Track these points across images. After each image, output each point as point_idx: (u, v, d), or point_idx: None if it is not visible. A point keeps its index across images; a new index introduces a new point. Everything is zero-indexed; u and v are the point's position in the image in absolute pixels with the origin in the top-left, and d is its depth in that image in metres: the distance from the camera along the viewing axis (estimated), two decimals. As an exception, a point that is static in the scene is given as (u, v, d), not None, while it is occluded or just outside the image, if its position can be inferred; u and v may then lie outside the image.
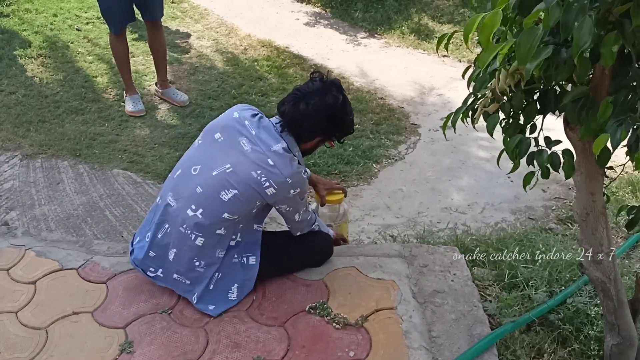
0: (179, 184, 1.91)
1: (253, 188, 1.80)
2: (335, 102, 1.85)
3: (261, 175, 1.79)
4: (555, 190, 3.09)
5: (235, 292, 1.98)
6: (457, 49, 4.68)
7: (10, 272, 2.14)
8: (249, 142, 1.83)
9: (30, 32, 4.70)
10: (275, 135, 1.86)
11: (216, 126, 1.93)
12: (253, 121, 1.88)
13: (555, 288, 2.24)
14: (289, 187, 1.81)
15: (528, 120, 1.34)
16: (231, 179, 1.81)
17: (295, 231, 2.06)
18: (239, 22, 5.13)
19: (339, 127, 1.92)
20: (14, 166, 3.22)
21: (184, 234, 1.87)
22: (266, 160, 1.79)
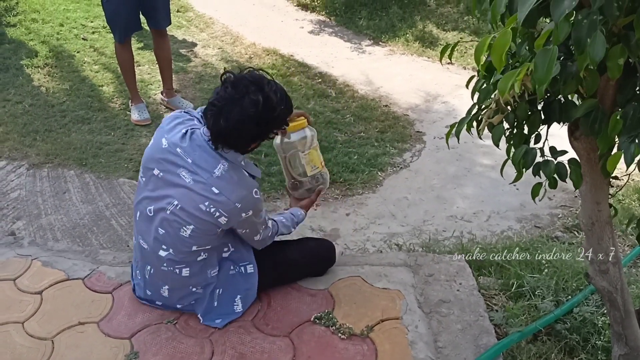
0: (142, 227, 1.87)
1: (206, 220, 1.72)
2: (257, 107, 1.63)
3: (209, 206, 1.70)
4: (562, 198, 3.08)
5: (239, 304, 1.98)
6: (461, 56, 4.68)
7: (16, 282, 2.14)
8: (189, 172, 1.72)
9: (37, 42, 4.74)
10: (212, 155, 1.72)
11: (151, 160, 1.79)
12: (184, 145, 1.73)
13: (562, 297, 2.23)
14: (239, 211, 1.73)
15: (532, 130, 1.34)
16: (183, 215, 1.73)
17: (257, 247, 1.99)
18: (244, 30, 5.16)
19: (273, 125, 1.74)
20: (20, 175, 3.24)
21: (167, 272, 1.86)
22: (210, 190, 1.70)
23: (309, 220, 2.89)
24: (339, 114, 3.88)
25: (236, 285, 1.97)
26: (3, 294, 2.09)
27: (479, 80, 1.44)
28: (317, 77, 4.37)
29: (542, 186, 1.35)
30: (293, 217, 2.11)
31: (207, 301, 1.93)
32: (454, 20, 5.22)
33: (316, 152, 2.16)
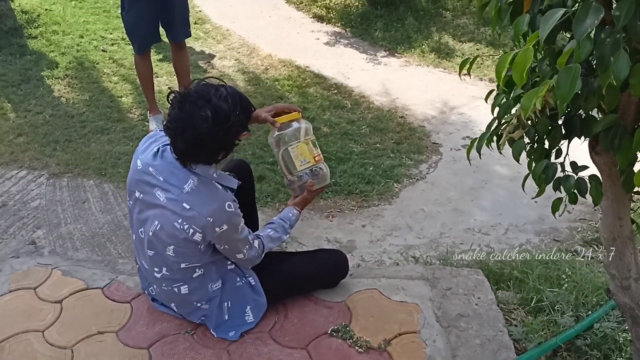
0: (138, 248, 1.92)
1: (182, 239, 1.72)
2: (207, 122, 1.58)
3: (182, 223, 1.70)
4: (581, 211, 3.04)
5: (250, 314, 1.98)
6: (477, 68, 4.67)
7: (37, 291, 2.17)
8: (162, 191, 1.73)
9: (58, 53, 4.83)
10: (182, 170, 1.71)
11: (132, 184, 1.82)
12: (156, 163, 1.74)
13: (582, 312, 2.20)
14: (212, 225, 1.69)
15: (553, 145, 1.33)
16: (163, 235, 1.75)
17: (244, 266, 1.95)
18: (260, 42, 5.20)
19: (232, 133, 1.66)
20: (40, 185, 3.29)
21: (169, 291, 1.89)
22: (182, 206, 1.69)
23: (325, 231, 2.90)
24: (355, 125, 3.88)
25: (244, 296, 1.97)
26: (24, 303, 2.11)
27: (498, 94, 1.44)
28: (333, 88, 4.39)
29: (562, 201, 1.34)
30: (283, 222, 2.04)
31: (216, 315, 1.94)
32: (470, 32, 5.22)
33: (306, 146, 2.05)
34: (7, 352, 1.90)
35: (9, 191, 3.22)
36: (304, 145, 2.04)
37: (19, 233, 2.86)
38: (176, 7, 3.62)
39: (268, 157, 3.44)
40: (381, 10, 5.56)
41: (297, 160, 2.03)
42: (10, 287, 2.19)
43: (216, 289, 1.91)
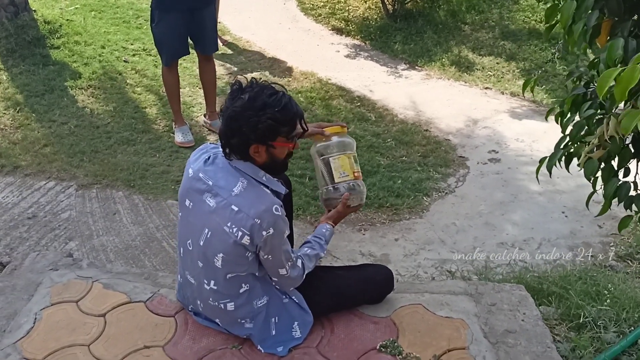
0: (186, 262, 1.91)
1: (232, 243, 1.71)
2: (242, 103, 1.63)
3: (232, 226, 1.69)
4: (612, 226, 3.04)
5: (298, 330, 1.96)
6: (498, 82, 4.69)
7: (79, 304, 2.16)
8: (212, 196, 1.74)
9: (80, 64, 4.86)
10: (232, 173, 1.73)
11: (183, 193, 1.84)
12: (207, 169, 1.77)
13: (624, 328, 2.19)
14: (259, 228, 1.67)
15: (622, 164, 1.34)
16: (213, 242, 1.75)
17: (285, 286, 1.90)
18: (280, 54, 5.24)
19: (261, 125, 1.64)
20: (70, 196, 3.30)
21: (214, 306, 1.88)
22: (230, 208, 1.70)
23: (359, 244, 2.90)
24: (380, 137, 3.90)
25: (291, 311, 1.96)
26: (67, 316, 2.11)
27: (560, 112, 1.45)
28: (356, 100, 4.41)
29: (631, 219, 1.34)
30: (318, 239, 2.01)
31: (262, 331, 1.92)
32: (489, 45, 5.25)
33: (348, 160, 2.03)
34: (55, 366, 1.89)
35: (38, 202, 3.22)
36: (346, 159, 2.03)
37: (51, 244, 2.87)
38: (206, 20, 3.66)
39: (296, 169, 3.45)
40: (400, 23, 5.60)
41: (337, 171, 2.01)
42: (52, 300, 2.18)
43: (261, 305, 1.90)
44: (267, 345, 1.93)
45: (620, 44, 1.04)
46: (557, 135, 3.46)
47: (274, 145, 1.72)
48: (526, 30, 5.59)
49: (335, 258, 2.77)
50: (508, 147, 3.84)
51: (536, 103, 4.50)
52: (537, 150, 3.76)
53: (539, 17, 5.77)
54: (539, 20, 5.74)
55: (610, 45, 1.04)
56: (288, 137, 1.74)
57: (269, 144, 1.71)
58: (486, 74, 4.89)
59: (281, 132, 1.70)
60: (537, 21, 5.74)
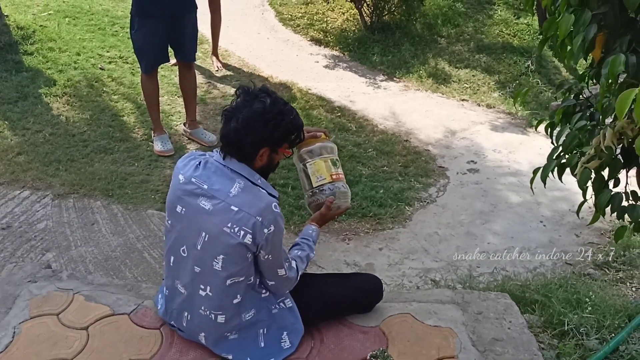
0: (177, 270, 1.88)
1: (233, 244, 1.71)
2: (264, 106, 1.70)
3: (232, 227, 1.70)
4: (588, 234, 3.13)
5: (287, 340, 1.94)
6: (474, 94, 4.79)
7: (60, 317, 2.10)
8: (207, 199, 1.74)
9: (55, 71, 4.75)
10: (227, 175, 1.75)
11: (173, 200, 1.82)
12: (200, 174, 1.78)
13: (606, 335, 2.25)
14: (261, 226, 1.70)
15: (613, 174, 1.38)
16: (212, 245, 1.74)
17: (280, 289, 1.90)
18: (260, 64, 5.23)
19: (279, 130, 1.73)
20: (46, 206, 3.21)
21: (205, 316, 1.85)
22: (230, 209, 1.71)
23: (343, 254, 2.90)
24: (361, 147, 3.92)
25: (280, 321, 1.94)
26: (47, 329, 2.04)
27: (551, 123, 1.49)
28: (337, 110, 4.43)
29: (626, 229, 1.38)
30: (306, 240, 2.03)
31: (250, 344, 1.89)
32: (465, 58, 5.36)
33: (324, 163, 2.04)
34: (36, 381, 1.83)
35: (12, 212, 3.13)
36: (322, 162, 2.04)
37: (27, 256, 2.78)
38: (187, 27, 3.63)
39: (278, 179, 3.44)
40: (378, 35, 5.67)
41: (314, 176, 2.03)
42: (31, 313, 2.10)
43: (249, 318, 1.87)
44: (257, 357, 1.90)
45: (622, 60, 1.07)
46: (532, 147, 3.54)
47: (278, 151, 1.79)
48: (500, 43, 5.73)
49: (320, 267, 2.77)
50: (486, 158, 3.91)
51: (512, 115, 4.61)
52: (514, 161, 3.84)
53: (513, 31, 5.93)
54: (512, 35, 5.90)
55: (612, 61, 1.08)
56: (290, 145, 1.82)
57: (274, 149, 1.77)
58: (462, 86, 4.99)
59: (289, 139, 1.78)
60: (511, 35, 5.89)
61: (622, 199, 1.31)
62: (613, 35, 1.14)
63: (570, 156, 1.35)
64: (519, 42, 5.78)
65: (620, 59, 1.07)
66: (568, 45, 1.24)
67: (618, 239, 1.43)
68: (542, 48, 1.37)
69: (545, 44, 1.31)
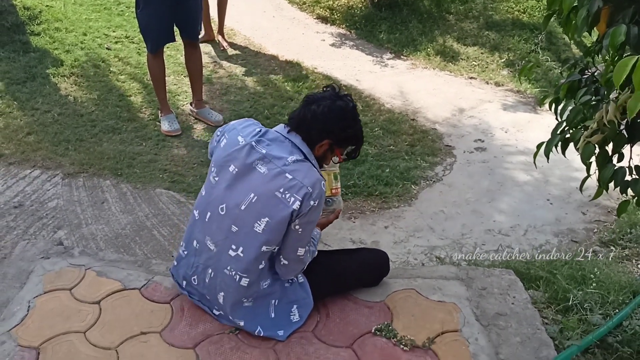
0: (212, 227, 1.90)
1: (280, 209, 1.76)
2: (347, 106, 1.86)
3: (284, 192, 1.76)
4: (596, 212, 3.13)
5: (296, 313, 1.98)
6: (483, 71, 4.75)
7: (73, 292, 2.15)
8: (264, 163, 1.80)
9: (62, 51, 4.76)
10: (287, 146, 1.83)
11: (228, 158, 1.87)
12: (260, 139, 1.85)
13: (609, 311, 2.27)
14: (310, 197, 1.76)
15: (617, 149, 1.38)
16: (259, 207, 1.78)
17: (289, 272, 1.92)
18: (266, 42, 5.21)
19: (349, 131, 1.87)
20: (56, 185, 3.25)
21: (229, 276, 1.87)
22: (285, 176, 1.77)
23: (349, 232, 2.93)
24: (368, 127, 3.92)
25: (291, 295, 1.97)
26: (61, 304, 2.09)
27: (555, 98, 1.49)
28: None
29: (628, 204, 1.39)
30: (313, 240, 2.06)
31: (261, 313, 1.93)
32: (473, 35, 5.30)
33: (327, 177, 2.20)
34: (51, 353, 1.88)
35: (24, 191, 3.17)
36: (325, 175, 2.18)
37: (39, 233, 2.83)
38: (192, 5, 3.61)
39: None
40: (385, 12, 5.61)
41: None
42: (45, 288, 2.16)
43: (265, 287, 1.91)
44: (267, 327, 1.94)
45: (622, 30, 1.07)
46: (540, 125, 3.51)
47: (335, 150, 1.90)
48: (510, 20, 5.66)
49: (326, 245, 2.80)
50: (494, 137, 3.90)
51: (520, 93, 4.57)
52: (522, 140, 3.83)
53: (522, 8, 5.84)
54: (522, 11, 5.81)
55: (612, 32, 1.08)
56: (348, 154, 1.95)
57: (334, 147, 1.89)
58: (471, 63, 4.95)
59: (350, 145, 1.93)
60: (521, 11, 5.81)
61: (626, 174, 1.31)
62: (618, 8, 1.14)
63: (574, 131, 1.35)
64: (529, 18, 5.70)
65: (622, 29, 1.07)
66: (573, 19, 1.23)
67: (620, 213, 1.43)
68: (547, 23, 1.37)
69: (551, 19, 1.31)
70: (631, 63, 0.96)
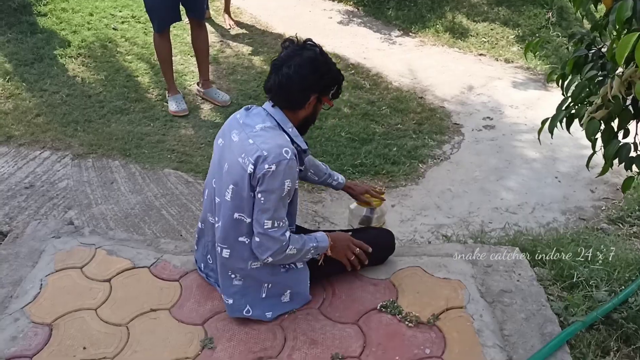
0: (210, 202, 1.96)
1: (241, 174, 1.77)
2: (315, 54, 1.81)
3: (244, 157, 1.77)
4: (604, 190, 3.11)
5: (287, 296, 1.98)
6: (492, 48, 4.69)
7: (84, 270, 2.20)
8: (237, 132, 1.86)
9: (69, 32, 4.76)
10: (262, 116, 1.84)
11: (219, 133, 1.97)
12: (246, 112, 1.90)
13: (615, 287, 2.27)
14: (264, 161, 1.72)
15: (622, 125, 1.37)
16: (229, 175, 1.83)
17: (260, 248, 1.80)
18: (272, 20, 5.17)
19: (326, 78, 1.84)
20: (66, 165, 3.28)
21: (216, 249, 1.92)
22: (247, 142, 1.79)
23: (356, 210, 2.93)
24: (375, 105, 3.90)
25: (286, 281, 1.97)
26: (72, 282, 2.14)
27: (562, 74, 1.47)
28: (350, 68, 4.39)
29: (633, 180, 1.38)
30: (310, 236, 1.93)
31: (252, 293, 1.93)
32: (484, 12, 5.21)
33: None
34: (63, 329, 1.93)
35: (34, 172, 3.21)
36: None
37: (50, 213, 2.87)
38: (197, -16, 3.59)
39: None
40: (393, -12, 5.53)
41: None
42: (56, 266, 2.21)
43: (254, 267, 1.90)
44: (256, 306, 1.94)
45: (629, 5, 1.05)
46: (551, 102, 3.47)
47: (323, 100, 1.89)
48: (520, -5, 5.55)
49: (333, 224, 2.81)
50: (503, 114, 3.87)
51: (530, 70, 4.51)
52: (531, 117, 3.79)
53: (533, -17, 5.72)
54: (533, -14, 5.69)
55: (619, 7, 1.06)
56: (333, 97, 1.91)
57: (320, 98, 1.87)
58: (480, 40, 4.88)
59: (334, 88, 1.89)
60: (531, -14, 5.69)
61: (630, 150, 1.30)
62: (624, -18, 1.12)
63: (580, 107, 1.34)
64: (540, -7, 5.59)
65: (628, 4, 1.05)
66: (579, -8, 1.22)
67: (626, 189, 1.43)
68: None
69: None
70: (633, 39, 0.95)
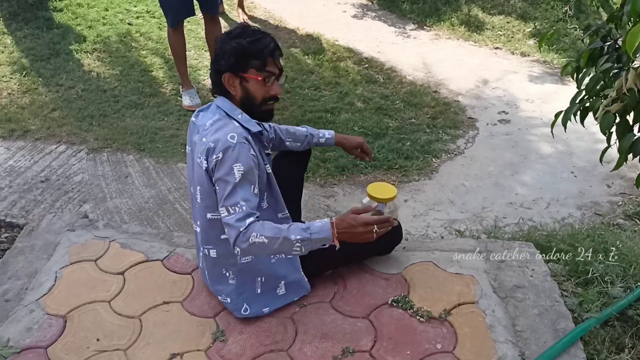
0: (192, 208, 1.97)
1: (201, 174, 1.77)
2: (227, 35, 1.80)
3: (200, 156, 1.76)
4: (621, 185, 3.06)
5: (283, 287, 1.97)
6: (508, 41, 4.63)
7: (98, 263, 2.22)
8: (196, 135, 1.84)
9: (84, 27, 4.81)
10: (212, 111, 1.83)
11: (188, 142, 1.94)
12: (200, 113, 1.89)
13: (631, 284, 2.23)
14: (212, 152, 1.70)
15: (638, 118, 1.34)
16: (194, 178, 1.84)
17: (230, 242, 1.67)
18: (286, 15, 5.16)
19: (226, 47, 1.75)
20: (81, 160, 3.32)
21: (204, 255, 1.92)
22: (202, 140, 1.78)
23: (368, 205, 2.93)
24: (389, 99, 3.88)
25: (279, 271, 1.95)
26: (87, 274, 2.17)
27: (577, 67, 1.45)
28: (364, 62, 4.37)
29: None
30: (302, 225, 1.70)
31: (247, 290, 1.93)
32: (499, 4, 5.15)
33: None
34: (77, 321, 1.96)
35: (50, 166, 3.25)
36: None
37: (66, 207, 2.91)
38: (211, -21, 3.59)
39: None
40: (407, -19, 5.48)
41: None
42: (71, 259, 2.24)
43: (245, 262, 1.88)
44: (253, 303, 1.93)
45: (643, -3, 1.03)
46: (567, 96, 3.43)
47: (245, 77, 1.78)
48: (537, -12, 5.47)
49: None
50: (518, 108, 3.82)
51: (546, 63, 4.45)
52: (547, 111, 3.74)
53: (551, -25, 5.63)
54: (550, -22, 5.60)
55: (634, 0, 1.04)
56: (259, 70, 1.77)
57: (240, 75, 1.78)
58: (496, 33, 4.82)
59: (251, 63, 1.75)
60: (549, -21, 5.60)
61: (646, 144, 1.28)
62: (641, -28, 1.09)
63: (594, 100, 1.32)
64: (558, -15, 5.50)
65: (644, -4, 1.03)
66: (594, -17, 1.19)
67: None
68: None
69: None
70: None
